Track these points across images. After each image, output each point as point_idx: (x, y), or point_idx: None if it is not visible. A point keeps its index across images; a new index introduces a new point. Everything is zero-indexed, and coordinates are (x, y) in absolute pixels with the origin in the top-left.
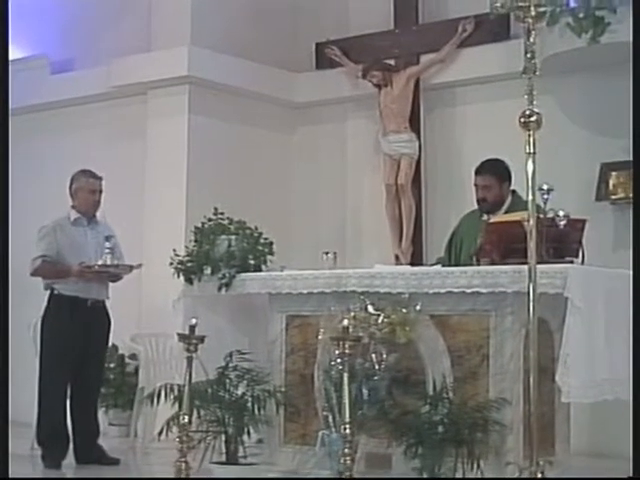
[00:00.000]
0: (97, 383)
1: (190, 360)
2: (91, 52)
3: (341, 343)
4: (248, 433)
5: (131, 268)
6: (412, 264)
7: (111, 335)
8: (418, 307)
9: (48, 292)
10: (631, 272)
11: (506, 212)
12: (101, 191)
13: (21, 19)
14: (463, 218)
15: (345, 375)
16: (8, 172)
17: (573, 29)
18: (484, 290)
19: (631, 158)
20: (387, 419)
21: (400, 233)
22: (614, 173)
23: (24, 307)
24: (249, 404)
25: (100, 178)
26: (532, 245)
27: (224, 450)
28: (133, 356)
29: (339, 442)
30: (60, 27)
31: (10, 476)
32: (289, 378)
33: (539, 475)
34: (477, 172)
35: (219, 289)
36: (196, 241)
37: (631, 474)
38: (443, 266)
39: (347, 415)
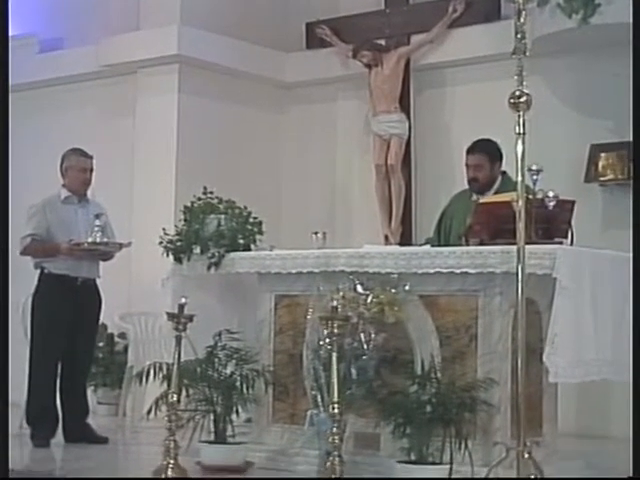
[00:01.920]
0: (87, 362)
1: (179, 339)
2: (80, 31)
3: (330, 323)
4: (237, 412)
5: (121, 246)
6: (401, 244)
7: (102, 314)
8: (407, 287)
9: (38, 271)
10: (631, 255)
11: (496, 193)
12: (92, 170)
13: None
14: (453, 198)
15: (334, 355)
16: (8, 156)
17: (563, 10)
18: (473, 270)
19: (620, 139)
20: (375, 399)
21: (390, 213)
22: (603, 154)
23: (14, 286)
24: (238, 383)
25: (91, 157)
26: (521, 226)
27: (213, 429)
28: (122, 335)
29: (327, 421)
30: (49, 5)
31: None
32: (278, 357)
33: (526, 455)
34: (469, 151)
35: (208, 268)
36: (185, 220)
37: (631, 474)
38: (432, 246)
39: (335, 395)
